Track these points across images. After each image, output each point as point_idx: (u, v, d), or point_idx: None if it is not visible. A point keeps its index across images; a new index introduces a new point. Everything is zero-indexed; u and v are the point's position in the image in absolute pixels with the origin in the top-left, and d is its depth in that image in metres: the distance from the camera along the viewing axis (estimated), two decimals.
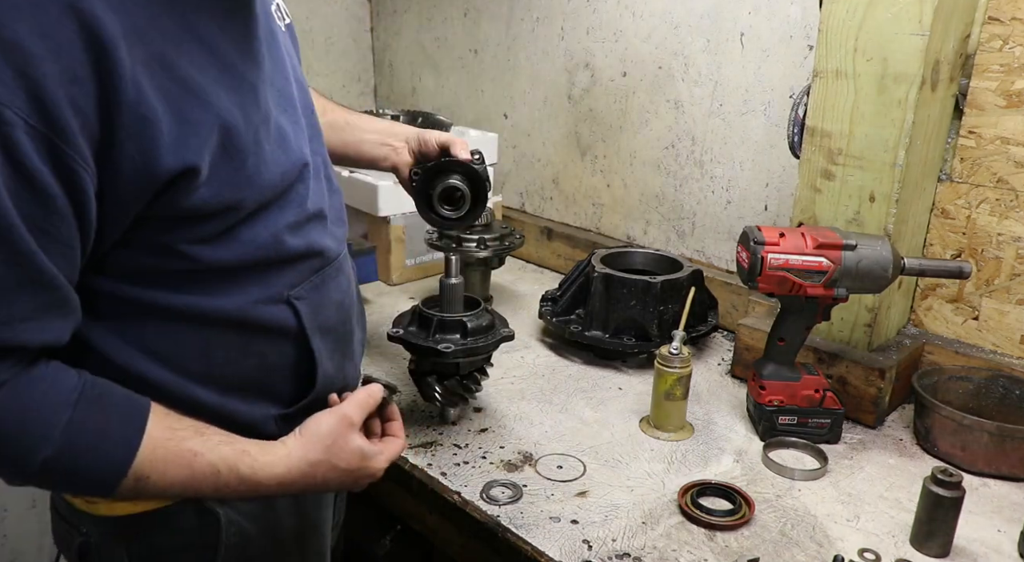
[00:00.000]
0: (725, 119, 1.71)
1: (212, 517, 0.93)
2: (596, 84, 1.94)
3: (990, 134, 1.32)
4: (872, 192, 1.29)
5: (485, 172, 1.21)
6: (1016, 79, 1.28)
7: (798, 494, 1.15)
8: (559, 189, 2.11)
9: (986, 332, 1.39)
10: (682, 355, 1.26)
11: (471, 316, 1.21)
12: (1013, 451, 1.18)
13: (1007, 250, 1.34)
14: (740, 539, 1.04)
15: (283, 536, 1.00)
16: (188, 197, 0.78)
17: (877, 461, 1.24)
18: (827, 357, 1.35)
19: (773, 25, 1.60)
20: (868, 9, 1.23)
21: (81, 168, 0.71)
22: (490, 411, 1.35)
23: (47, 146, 0.69)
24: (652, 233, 1.92)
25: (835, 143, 1.31)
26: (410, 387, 1.33)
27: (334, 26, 2.42)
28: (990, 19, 1.29)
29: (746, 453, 1.25)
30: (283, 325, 0.91)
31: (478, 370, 1.27)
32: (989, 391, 1.31)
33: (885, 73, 1.23)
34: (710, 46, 1.70)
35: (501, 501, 1.11)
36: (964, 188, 1.37)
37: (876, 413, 1.32)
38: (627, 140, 1.91)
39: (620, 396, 1.42)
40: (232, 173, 0.81)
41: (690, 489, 1.12)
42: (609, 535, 1.04)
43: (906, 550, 1.03)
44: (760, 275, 1.19)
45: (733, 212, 1.74)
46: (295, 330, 0.92)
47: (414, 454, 1.22)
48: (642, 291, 1.49)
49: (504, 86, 2.17)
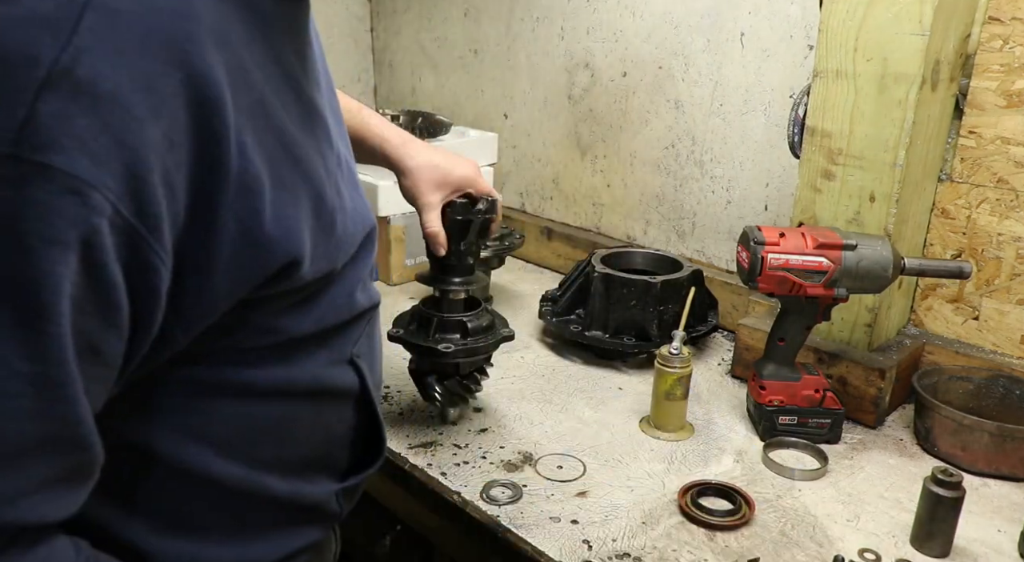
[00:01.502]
0: (725, 119, 1.71)
1: None
2: (596, 84, 1.94)
3: (990, 134, 1.32)
4: (872, 192, 1.29)
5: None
6: (1016, 79, 1.28)
7: (798, 494, 1.15)
8: (559, 189, 2.11)
9: (986, 332, 1.39)
10: (682, 355, 1.26)
11: (471, 316, 1.21)
12: (1013, 451, 1.18)
13: (1007, 250, 1.34)
14: (740, 539, 1.04)
15: None
16: (291, 281, 0.66)
17: (877, 461, 1.24)
18: (827, 357, 1.35)
19: (773, 25, 1.60)
20: (868, 9, 1.23)
21: (160, 264, 0.56)
22: (490, 411, 1.35)
23: (129, 241, 0.53)
24: (652, 233, 1.92)
25: (835, 143, 1.31)
26: (410, 387, 1.33)
27: (334, 26, 2.42)
28: (990, 19, 1.29)
29: (746, 453, 1.25)
30: (349, 388, 0.82)
31: (478, 370, 1.27)
32: (989, 391, 1.31)
33: (885, 73, 1.23)
34: (710, 46, 1.70)
35: (501, 501, 1.11)
36: (964, 188, 1.37)
37: (876, 413, 1.32)
38: (627, 140, 1.91)
39: (620, 396, 1.42)
40: (326, 240, 0.69)
41: (690, 489, 1.12)
42: (609, 535, 1.04)
43: (906, 550, 1.03)
44: (760, 275, 1.19)
45: (733, 212, 1.74)
46: (358, 392, 0.83)
47: (414, 454, 1.22)
48: (642, 291, 1.49)
49: (504, 86, 2.17)
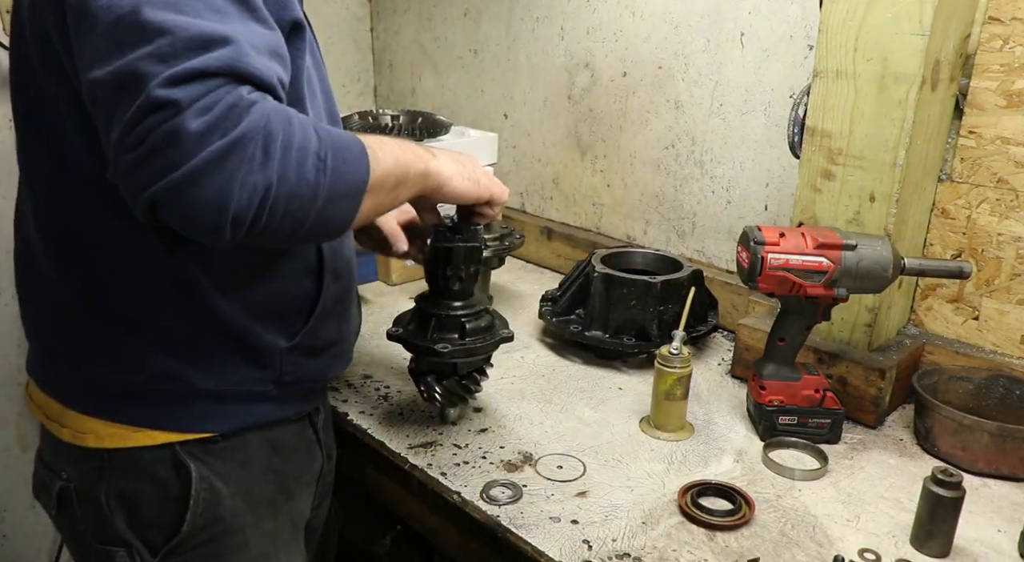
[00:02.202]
0: (725, 119, 1.71)
1: (185, 471, 0.96)
2: (596, 84, 1.94)
3: (990, 134, 1.32)
4: (872, 192, 1.29)
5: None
6: (1016, 79, 1.28)
7: (798, 494, 1.15)
8: (559, 189, 2.11)
9: (986, 332, 1.39)
10: (682, 355, 1.26)
11: (470, 316, 1.21)
12: (1013, 451, 1.18)
13: (1007, 250, 1.34)
14: (740, 539, 1.04)
15: (258, 499, 1.03)
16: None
17: (877, 461, 1.24)
18: (827, 357, 1.35)
19: (773, 25, 1.60)
20: (868, 9, 1.23)
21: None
22: (490, 411, 1.35)
23: None
24: (652, 233, 1.92)
25: (835, 143, 1.31)
26: (410, 387, 1.33)
27: (334, 26, 2.41)
28: (990, 19, 1.29)
29: (746, 453, 1.25)
30: (307, 257, 1.00)
31: (478, 371, 1.26)
32: (989, 391, 1.31)
33: (885, 73, 1.23)
34: (710, 46, 1.70)
35: (501, 501, 1.11)
36: (964, 188, 1.37)
37: (876, 413, 1.32)
38: (627, 140, 1.91)
39: (620, 396, 1.42)
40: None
41: (690, 489, 1.12)
42: (609, 535, 1.04)
43: (906, 550, 1.03)
44: (760, 275, 1.19)
45: (733, 212, 1.74)
46: (315, 266, 1.01)
47: (414, 454, 1.22)
48: (642, 291, 1.48)
49: (504, 86, 2.17)
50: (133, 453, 0.96)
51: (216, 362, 0.97)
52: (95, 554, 0.99)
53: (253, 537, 1.03)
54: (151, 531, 0.98)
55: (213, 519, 0.99)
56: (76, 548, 1.05)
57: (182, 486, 0.97)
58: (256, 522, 1.03)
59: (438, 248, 1.16)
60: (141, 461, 0.96)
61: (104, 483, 0.97)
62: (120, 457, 0.96)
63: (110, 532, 0.98)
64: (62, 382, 0.99)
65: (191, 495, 0.97)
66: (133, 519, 0.97)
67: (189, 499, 0.97)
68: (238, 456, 1.01)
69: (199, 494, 0.97)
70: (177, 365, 0.95)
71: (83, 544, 1.01)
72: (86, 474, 0.98)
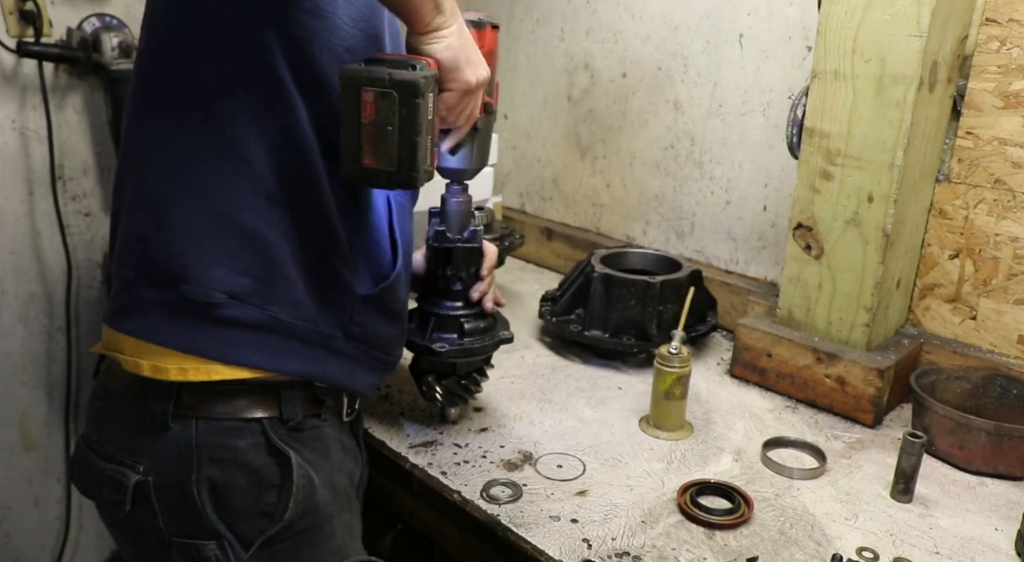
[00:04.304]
0: (724, 120, 1.72)
1: (283, 458, 0.95)
2: (596, 85, 1.94)
3: (987, 135, 1.33)
4: (871, 192, 1.30)
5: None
6: (1013, 80, 1.28)
7: (797, 493, 1.15)
8: (559, 189, 2.12)
9: (984, 332, 1.40)
10: (681, 355, 1.27)
11: (469, 317, 1.21)
12: (1010, 450, 1.19)
13: (1004, 250, 1.35)
14: (739, 538, 1.05)
15: (338, 489, 1.03)
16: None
17: (876, 460, 1.24)
18: (826, 357, 1.36)
19: (772, 26, 1.60)
20: (866, 10, 1.23)
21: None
22: (490, 410, 1.36)
23: None
24: (652, 233, 1.92)
25: (834, 144, 1.32)
26: (411, 387, 1.33)
27: None
28: (987, 21, 1.29)
29: (745, 452, 1.25)
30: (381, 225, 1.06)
31: (477, 371, 1.27)
32: (987, 390, 1.32)
33: (883, 74, 1.24)
34: (709, 47, 1.70)
35: (501, 500, 1.11)
36: (962, 188, 1.37)
37: (874, 412, 1.32)
38: (627, 141, 1.91)
39: (620, 396, 1.43)
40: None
41: (689, 488, 1.13)
42: (609, 534, 1.05)
43: (905, 550, 1.04)
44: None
45: (732, 212, 1.75)
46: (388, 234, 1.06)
47: (414, 453, 1.22)
48: (642, 291, 1.49)
49: (504, 87, 2.17)
50: (226, 442, 0.93)
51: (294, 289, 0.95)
52: (177, 548, 0.95)
53: (338, 527, 1.02)
54: (241, 522, 0.95)
55: (311, 507, 0.97)
56: (143, 545, 0.99)
57: (282, 473, 0.95)
58: (339, 512, 1.03)
59: (438, 248, 1.17)
60: (234, 449, 0.93)
61: (194, 472, 0.93)
62: (211, 447, 0.93)
63: (199, 525, 0.94)
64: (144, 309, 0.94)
65: (293, 482, 0.94)
66: (223, 510, 0.94)
67: (292, 486, 0.94)
68: (320, 447, 1.00)
69: (300, 480, 0.95)
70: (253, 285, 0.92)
71: (155, 541, 0.96)
72: (172, 464, 0.93)
